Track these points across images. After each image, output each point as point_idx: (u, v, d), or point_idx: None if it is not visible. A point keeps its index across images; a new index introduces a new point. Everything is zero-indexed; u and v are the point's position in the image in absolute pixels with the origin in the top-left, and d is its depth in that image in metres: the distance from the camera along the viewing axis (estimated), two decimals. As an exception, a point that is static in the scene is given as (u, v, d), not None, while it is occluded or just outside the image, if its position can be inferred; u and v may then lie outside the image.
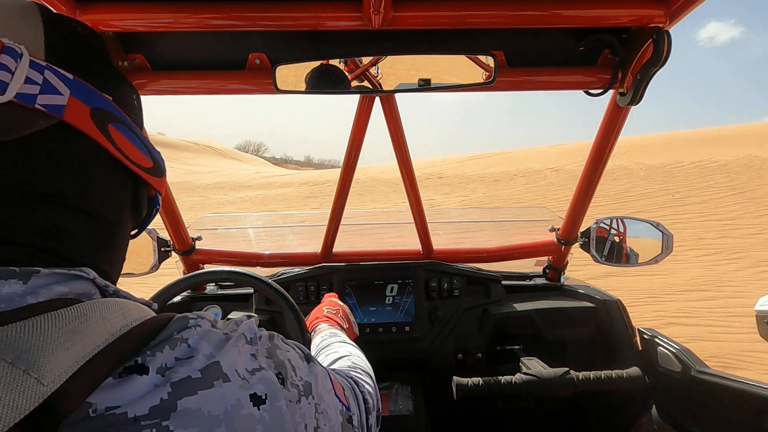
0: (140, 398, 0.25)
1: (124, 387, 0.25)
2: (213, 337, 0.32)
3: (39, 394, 0.22)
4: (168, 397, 0.26)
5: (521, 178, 12.15)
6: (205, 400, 0.27)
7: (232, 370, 0.30)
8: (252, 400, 0.30)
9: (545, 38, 0.90)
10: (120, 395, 0.25)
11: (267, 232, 1.89)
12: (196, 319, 0.32)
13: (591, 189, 1.17)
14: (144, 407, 0.25)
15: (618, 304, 1.28)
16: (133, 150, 0.35)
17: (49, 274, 0.27)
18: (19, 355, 0.22)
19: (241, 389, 0.29)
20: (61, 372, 0.23)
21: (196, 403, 0.27)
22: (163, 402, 0.26)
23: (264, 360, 0.34)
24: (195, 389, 0.27)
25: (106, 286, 0.31)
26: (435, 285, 1.31)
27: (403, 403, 1.28)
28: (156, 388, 0.26)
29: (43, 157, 0.30)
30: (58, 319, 0.25)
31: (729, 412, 0.94)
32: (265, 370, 0.32)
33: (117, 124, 0.34)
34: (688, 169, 10.91)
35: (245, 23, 0.76)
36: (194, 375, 0.28)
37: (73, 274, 0.29)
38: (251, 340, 0.34)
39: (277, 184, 15.25)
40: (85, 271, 0.30)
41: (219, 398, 0.28)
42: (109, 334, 0.27)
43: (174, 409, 0.26)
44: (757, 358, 3.07)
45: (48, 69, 0.30)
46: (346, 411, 0.43)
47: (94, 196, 0.33)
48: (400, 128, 1.14)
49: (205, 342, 0.31)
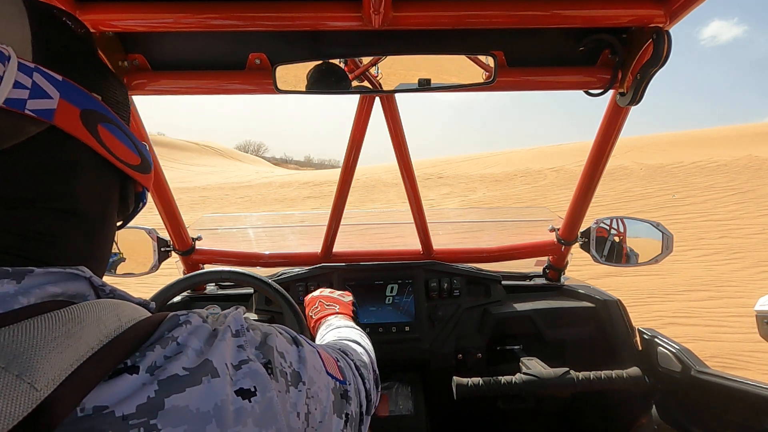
0: (128, 397, 0.25)
1: (112, 387, 0.25)
2: (202, 332, 0.31)
3: (32, 399, 0.21)
4: (155, 395, 0.26)
5: (521, 178, 12.14)
6: (193, 396, 0.27)
7: (222, 364, 0.30)
8: (241, 394, 0.29)
9: (545, 38, 0.90)
10: (108, 395, 0.25)
11: (267, 232, 1.89)
12: (187, 315, 0.32)
13: (591, 189, 1.17)
14: (131, 406, 0.25)
15: (618, 304, 1.28)
16: (121, 148, 0.35)
17: (43, 273, 0.27)
18: (12, 359, 0.22)
19: (229, 384, 0.29)
20: (54, 376, 0.23)
21: (184, 400, 0.26)
22: (150, 400, 0.25)
23: (252, 351, 0.33)
24: (183, 386, 0.27)
25: (102, 286, 0.31)
26: (435, 285, 1.31)
27: (403, 403, 1.27)
28: (143, 387, 0.26)
29: (32, 165, 0.29)
30: (51, 322, 0.24)
31: (729, 412, 0.94)
32: (252, 362, 0.32)
33: (106, 123, 0.33)
34: (688, 169, 10.91)
35: (245, 23, 0.76)
36: (181, 372, 0.27)
37: (68, 273, 0.29)
38: (237, 332, 0.34)
39: (277, 184, 15.24)
40: (81, 269, 0.29)
41: (208, 394, 0.28)
42: (103, 336, 0.27)
43: (161, 407, 0.25)
44: (757, 358, 3.07)
45: (37, 71, 0.28)
46: (340, 385, 0.42)
47: (80, 197, 0.32)
48: (400, 128, 1.14)
49: (194, 337, 0.30)
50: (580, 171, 1.18)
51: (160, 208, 1.18)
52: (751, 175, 9.59)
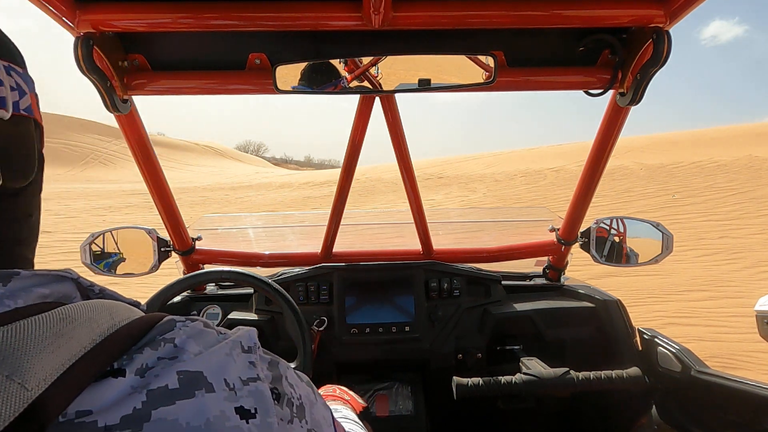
0: (113, 405, 0.24)
1: (97, 390, 0.24)
2: (204, 337, 0.30)
3: (23, 399, 0.21)
4: (142, 406, 0.24)
5: (521, 178, 12.14)
6: (183, 410, 0.25)
7: (219, 379, 0.28)
8: (239, 413, 0.27)
9: (545, 38, 0.90)
10: (92, 399, 0.24)
11: (267, 232, 1.89)
12: (185, 321, 0.30)
13: (591, 189, 1.17)
14: (116, 416, 0.24)
15: (618, 304, 1.28)
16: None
17: (30, 276, 0.27)
18: (2, 360, 0.21)
19: (226, 401, 0.27)
20: (46, 375, 0.22)
21: (172, 413, 0.25)
22: (136, 411, 0.24)
23: (264, 370, 0.32)
24: (173, 399, 0.25)
25: (91, 287, 0.30)
26: (435, 285, 1.31)
27: (403, 403, 1.27)
28: (130, 396, 0.25)
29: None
30: (41, 323, 0.24)
31: (729, 412, 0.94)
32: (261, 382, 0.30)
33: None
34: (688, 169, 10.90)
35: (245, 23, 0.76)
36: (172, 384, 0.26)
37: (55, 275, 0.28)
38: (249, 349, 0.32)
39: (277, 184, 15.24)
40: (68, 271, 0.29)
41: (200, 409, 0.26)
42: (96, 335, 0.26)
43: (147, 419, 0.24)
44: (757, 358, 3.07)
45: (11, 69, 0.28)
46: None
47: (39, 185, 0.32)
48: (400, 128, 1.14)
49: (193, 341, 0.29)
50: (580, 171, 1.18)
51: (160, 208, 1.18)
52: (751, 175, 9.59)
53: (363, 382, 1.31)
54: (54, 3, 0.70)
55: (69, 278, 0.29)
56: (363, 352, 1.27)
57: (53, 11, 0.71)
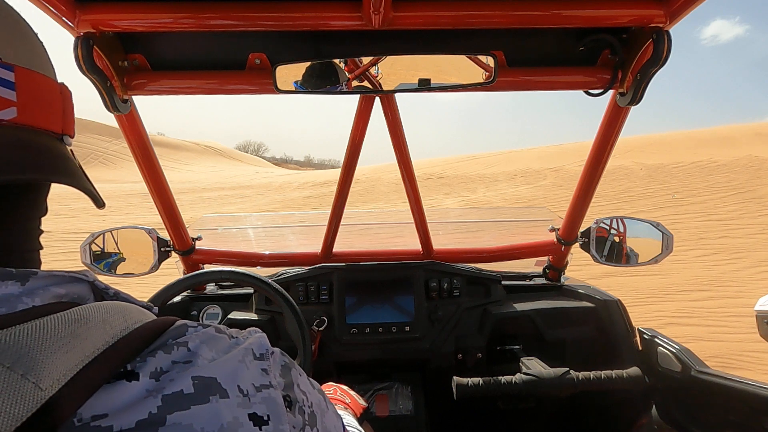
0: (128, 408, 0.24)
1: (112, 393, 0.24)
2: (217, 342, 0.30)
3: (37, 398, 0.21)
4: (157, 411, 0.25)
5: (521, 178, 12.14)
6: (198, 415, 0.26)
7: (232, 385, 0.28)
8: (252, 420, 0.28)
9: (545, 38, 0.90)
10: (107, 402, 0.24)
11: (267, 232, 1.89)
12: (197, 326, 0.31)
13: (591, 189, 1.17)
14: (131, 421, 0.24)
15: (618, 304, 1.28)
16: None
17: (46, 275, 0.27)
18: (18, 359, 0.22)
19: (240, 407, 0.28)
20: (59, 376, 0.22)
21: (187, 418, 0.25)
22: (152, 416, 0.24)
23: (277, 377, 0.32)
24: (188, 404, 0.26)
25: (106, 289, 0.31)
26: (435, 285, 1.31)
27: (403, 403, 1.27)
28: (145, 399, 0.25)
29: None
30: (56, 323, 0.24)
31: (729, 412, 0.94)
32: (273, 389, 0.31)
33: None
34: (688, 169, 10.91)
35: (245, 23, 0.76)
36: (187, 389, 0.26)
37: (71, 276, 0.28)
38: (261, 356, 0.32)
39: (276, 184, 15.24)
40: (84, 273, 0.29)
41: (214, 414, 0.26)
42: (110, 337, 0.26)
43: (163, 423, 0.24)
44: (757, 358, 3.07)
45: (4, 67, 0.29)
46: None
47: None
48: (400, 128, 1.14)
49: (206, 346, 0.29)
50: (580, 171, 1.18)
51: (160, 208, 1.17)
52: (751, 175, 9.59)
53: (363, 382, 1.31)
54: (54, 3, 0.70)
55: (85, 280, 0.29)
56: (363, 352, 1.27)
57: (53, 11, 0.71)
